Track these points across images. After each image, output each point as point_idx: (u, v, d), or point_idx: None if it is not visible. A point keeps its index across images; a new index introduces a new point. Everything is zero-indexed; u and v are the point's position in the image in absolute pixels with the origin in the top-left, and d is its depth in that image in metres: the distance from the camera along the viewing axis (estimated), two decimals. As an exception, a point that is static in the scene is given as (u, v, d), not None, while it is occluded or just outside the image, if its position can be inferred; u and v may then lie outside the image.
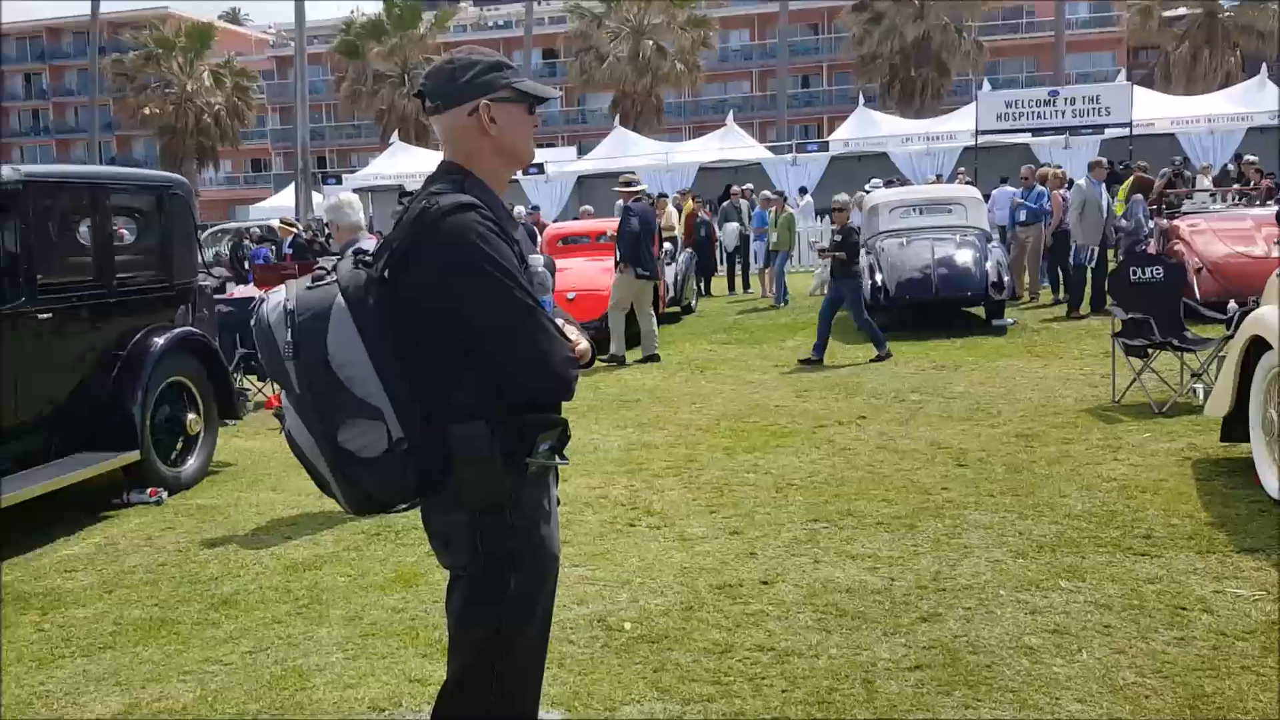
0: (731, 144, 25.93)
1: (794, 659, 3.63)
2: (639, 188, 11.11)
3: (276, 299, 2.11)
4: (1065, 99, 20.61)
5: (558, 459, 2.22)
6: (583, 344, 2.27)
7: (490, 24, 57.39)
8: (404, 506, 2.20)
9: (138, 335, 6.40)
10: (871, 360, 9.86)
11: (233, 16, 66.56)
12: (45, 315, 5.75)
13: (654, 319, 10.84)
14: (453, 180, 2.19)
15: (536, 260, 2.27)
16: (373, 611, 4.29)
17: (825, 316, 10.04)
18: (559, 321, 2.24)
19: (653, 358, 10.64)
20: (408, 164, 26.23)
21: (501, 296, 2.08)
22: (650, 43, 37.77)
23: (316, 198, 28.96)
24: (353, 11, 40.72)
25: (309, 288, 2.10)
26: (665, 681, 3.49)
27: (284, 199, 32.75)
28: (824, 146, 26.15)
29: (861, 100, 29.80)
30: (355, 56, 38.55)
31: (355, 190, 26.36)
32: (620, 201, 11.80)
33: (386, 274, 2.13)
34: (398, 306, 2.11)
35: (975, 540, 4.75)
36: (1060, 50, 36.17)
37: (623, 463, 6.51)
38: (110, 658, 3.98)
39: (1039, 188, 13.43)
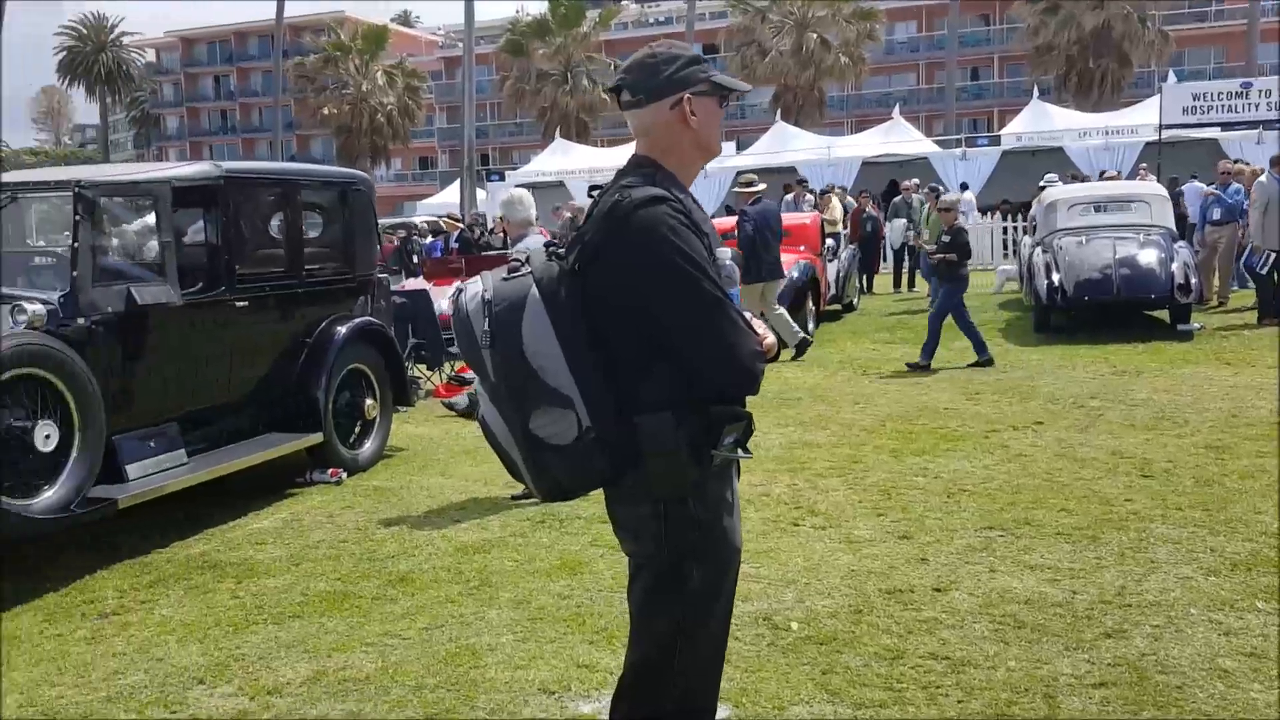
0: (897, 138, 25.31)
1: (970, 669, 3.51)
2: (758, 188, 10.81)
3: (475, 290, 2.17)
4: (1260, 91, 19.23)
5: (741, 452, 2.22)
6: (770, 338, 2.25)
7: (651, 20, 57.86)
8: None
9: (322, 324, 6.73)
10: (969, 365, 9.58)
11: (404, 19, 69.25)
12: (242, 304, 6.11)
13: (780, 309, 10.57)
14: (644, 174, 2.21)
15: (725, 254, 2.27)
16: (540, 597, 4.39)
17: (935, 322, 9.72)
18: (746, 315, 2.23)
19: (804, 343, 10.52)
20: (568, 161, 26.73)
21: (691, 290, 2.09)
22: (814, 36, 37.28)
23: (480, 194, 29.85)
24: (518, 11, 41.72)
25: (505, 279, 2.16)
26: (835, 684, 3.43)
27: (448, 195, 33.86)
28: (995, 141, 25.25)
29: (1036, 93, 28.62)
30: (520, 55, 39.49)
31: (517, 186, 27.12)
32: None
33: (579, 266, 2.17)
34: (589, 298, 2.15)
35: (1163, 555, 4.50)
36: (1254, 39, 33.84)
37: (784, 461, 6.44)
38: (298, 626, 4.20)
39: (1234, 184, 12.60)
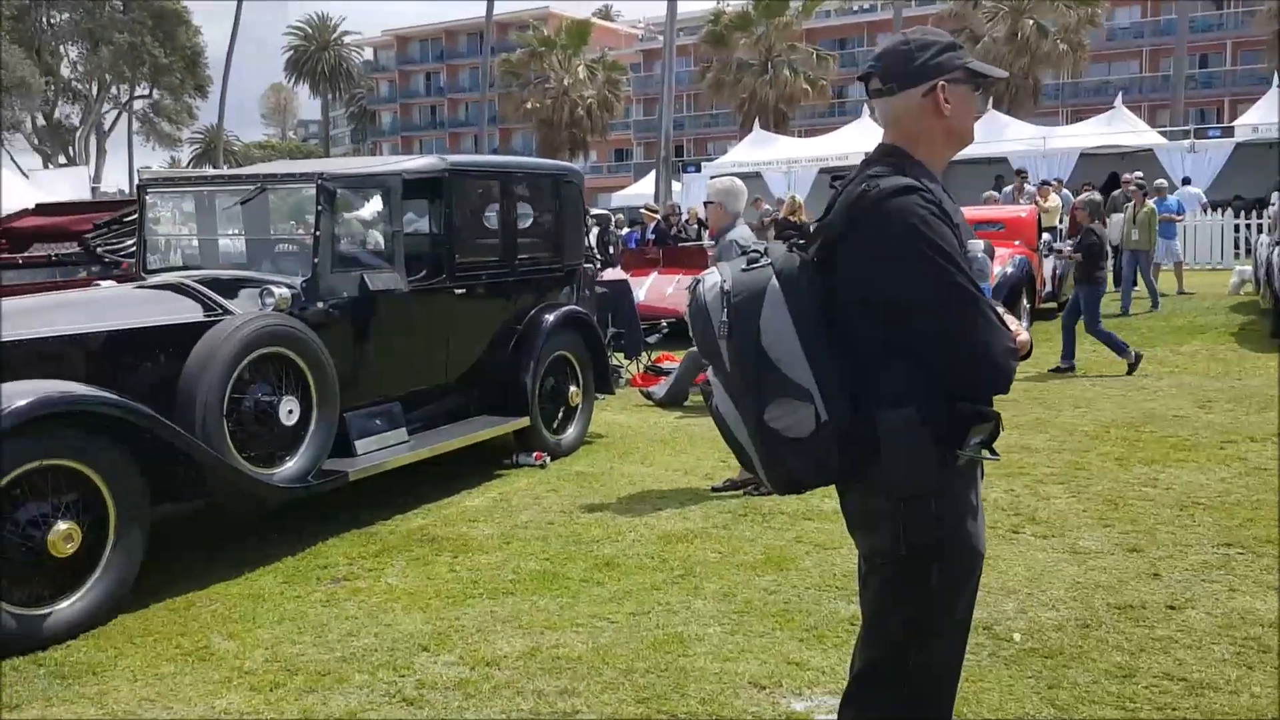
0: (1118, 128, 23.79)
1: (1210, 693, 3.27)
2: None
3: (713, 280, 2.17)
4: None
5: (988, 454, 2.13)
6: (1023, 334, 2.15)
7: (856, 8, 56.57)
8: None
9: (532, 312, 6.94)
10: (1051, 371, 9.27)
11: (605, 13, 70.51)
12: (460, 291, 6.37)
13: None
14: (892, 163, 2.15)
15: (976, 246, 2.18)
16: (745, 590, 4.37)
17: (1067, 324, 9.58)
18: (999, 310, 2.14)
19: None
20: (767, 152, 26.50)
21: (942, 282, 2.02)
22: (1030, 22, 35.55)
23: (675, 186, 30.05)
24: (720, 2, 41.66)
25: (744, 270, 2.15)
26: (1062, 700, 3.27)
27: (643, 187, 34.27)
28: (1227, 132, 23.35)
29: (1276, 80, 26.32)
30: (721, 46, 39.47)
31: (713, 177, 27.11)
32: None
33: (820, 258, 2.14)
34: (831, 291, 2.11)
35: None
36: None
37: (1001, 465, 6.16)
38: (512, 603, 4.35)
39: None
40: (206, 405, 4.74)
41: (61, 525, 4.05)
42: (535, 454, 6.84)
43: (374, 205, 6.18)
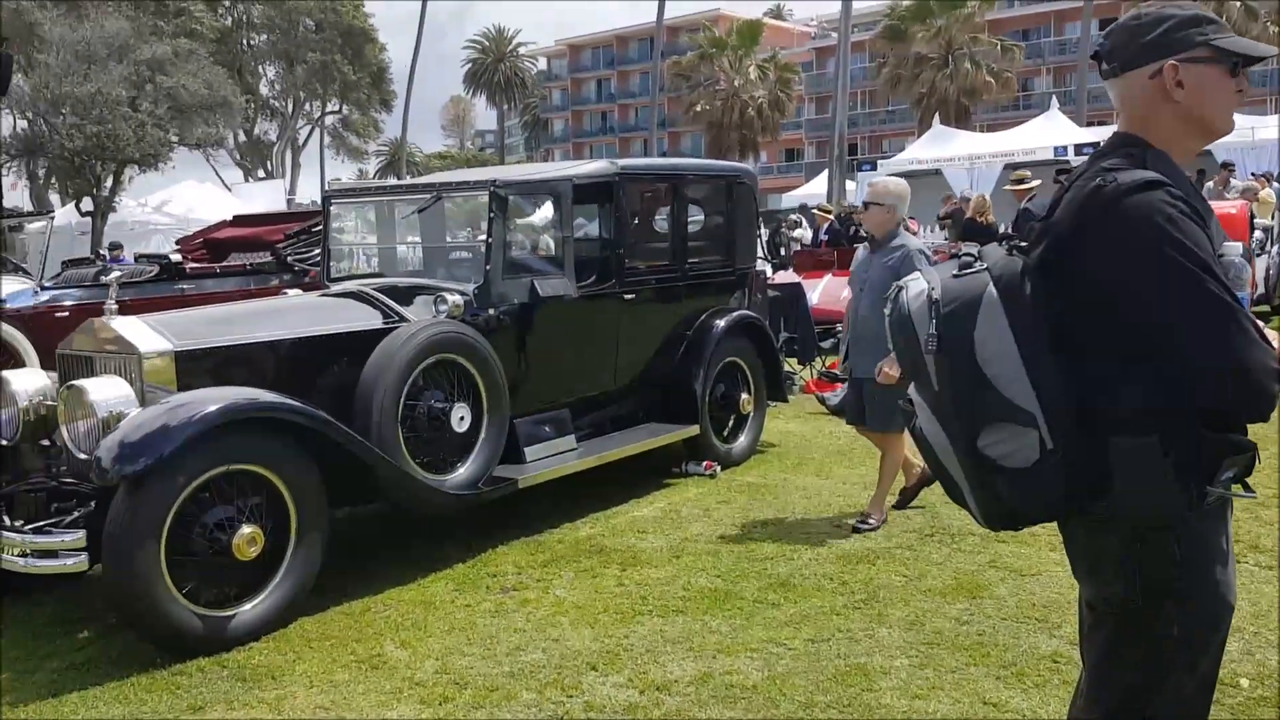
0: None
1: None
2: (1032, 185, 9.84)
3: (919, 288, 1.93)
4: None
5: (1242, 490, 1.82)
6: None
7: (1041, -5, 53.89)
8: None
9: (702, 317, 6.77)
10: None
11: (776, 13, 69.90)
12: (630, 296, 6.27)
13: None
14: (1130, 154, 1.86)
15: (1233, 249, 1.89)
16: (934, 619, 4.07)
17: None
18: (1258, 323, 1.82)
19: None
20: (947, 148, 25.49)
21: (1192, 289, 1.72)
22: (1237, 4, 32.90)
23: (849, 185, 29.41)
24: (896, -3, 40.52)
25: (955, 276, 1.90)
26: (1311, 767, 2.85)
27: (815, 186, 33.65)
28: None
29: None
30: (898, 40, 38.37)
31: (890, 175, 26.30)
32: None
33: (1045, 262, 1.87)
34: (1057, 299, 1.85)
35: None
36: None
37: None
38: (682, 622, 4.18)
39: None
40: (382, 411, 4.78)
41: (246, 529, 4.14)
42: (705, 463, 6.67)
43: (545, 210, 6.15)
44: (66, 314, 7.66)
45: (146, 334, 4.50)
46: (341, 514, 5.00)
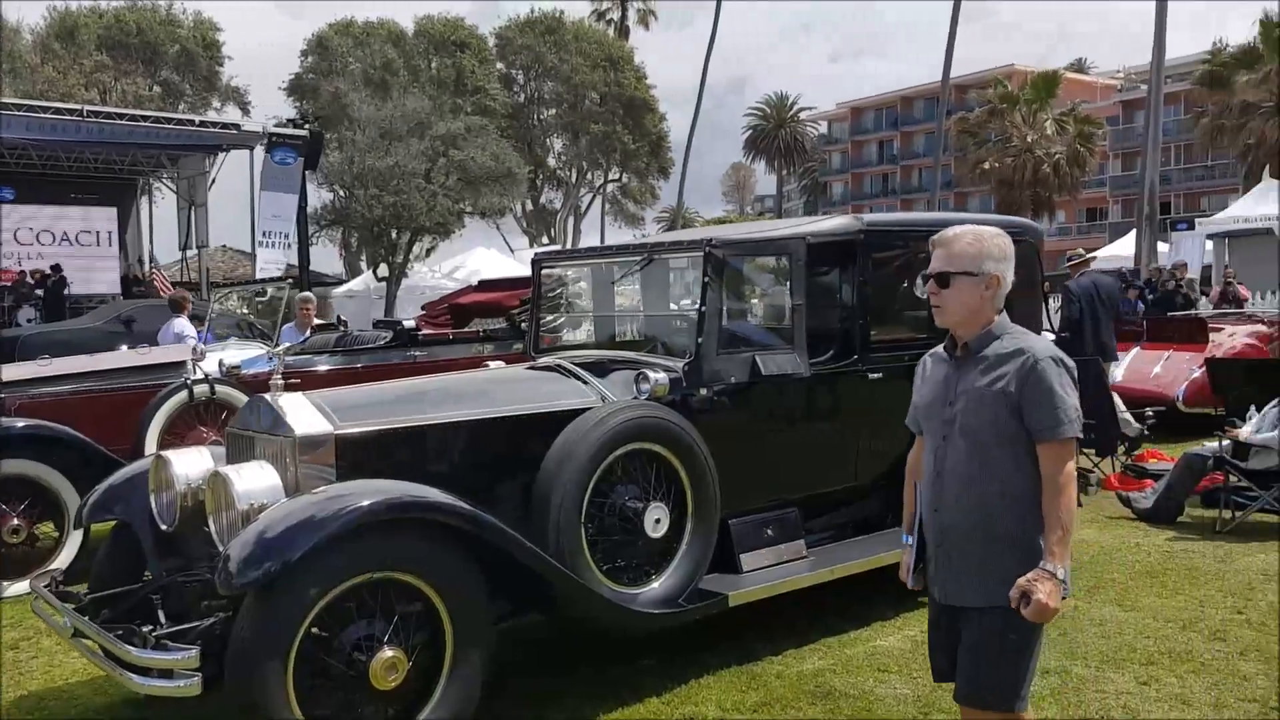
0: None
1: None
2: (1085, 257, 10.23)
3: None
4: None
5: None
6: None
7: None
8: None
9: (969, 398, 5.59)
10: None
11: (1078, 66, 65.65)
12: (875, 375, 5.24)
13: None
14: None
15: None
16: None
17: None
18: None
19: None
20: (1281, 203, 22.24)
21: None
22: None
23: (1161, 246, 26.54)
24: (1217, 41, 36.60)
25: None
26: None
27: (1119, 248, 30.62)
28: None
29: None
30: (1219, 88, 34.51)
31: (1210, 235, 23.28)
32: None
33: None
34: None
35: None
36: None
37: None
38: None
39: None
40: (562, 510, 4.05)
41: (387, 652, 3.48)
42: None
43: (771, 274, 5.27)
44: (298, 381, 7.60)
45: (307, 414, 4.01)
46: (504, 625, 4.25)
